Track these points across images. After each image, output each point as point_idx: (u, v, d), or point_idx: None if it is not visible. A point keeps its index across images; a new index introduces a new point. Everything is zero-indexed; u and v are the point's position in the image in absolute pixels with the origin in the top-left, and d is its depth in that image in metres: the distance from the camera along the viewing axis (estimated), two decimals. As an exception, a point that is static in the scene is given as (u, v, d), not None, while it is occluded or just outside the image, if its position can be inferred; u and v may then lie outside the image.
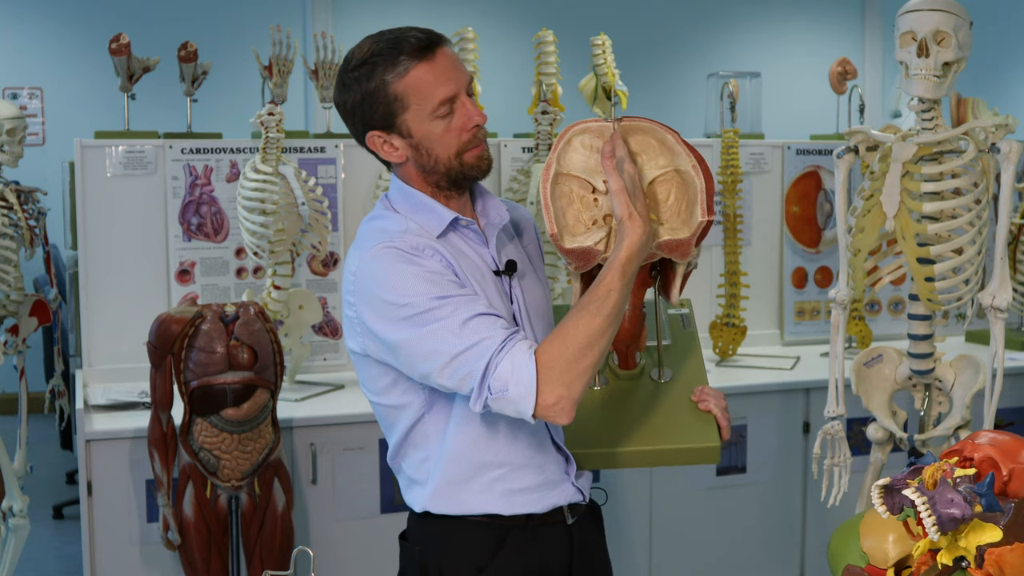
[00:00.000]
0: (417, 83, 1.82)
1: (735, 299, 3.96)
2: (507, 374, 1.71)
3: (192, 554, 2.97)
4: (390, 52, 1.82)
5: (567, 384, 1.72)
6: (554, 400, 1.71)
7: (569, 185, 1.88)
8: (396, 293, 1.78)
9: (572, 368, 1.72)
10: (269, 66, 3.67)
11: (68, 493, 5.40)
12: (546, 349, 1.73)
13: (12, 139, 3.45)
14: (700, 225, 1.88)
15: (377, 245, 1.82)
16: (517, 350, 1.73)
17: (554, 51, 3.80)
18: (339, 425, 3.28)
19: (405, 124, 1.85)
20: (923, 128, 2.58)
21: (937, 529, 1.43)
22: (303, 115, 7.11)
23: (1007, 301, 2.59)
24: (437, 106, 1.83)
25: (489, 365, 1.72)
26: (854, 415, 3.07)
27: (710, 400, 2.05)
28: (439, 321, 1.75)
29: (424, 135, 1.86)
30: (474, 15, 7.41)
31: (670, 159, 1.91)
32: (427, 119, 1.84)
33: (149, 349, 2.95)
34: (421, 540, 1.96)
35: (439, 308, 1.76)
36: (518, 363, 1.71)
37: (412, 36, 1.83)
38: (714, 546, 3.73)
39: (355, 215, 3.78)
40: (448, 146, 1.86)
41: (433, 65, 1.83)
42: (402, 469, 1.97)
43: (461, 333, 1.74)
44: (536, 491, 1.93)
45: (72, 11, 7.24)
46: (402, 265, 1.80)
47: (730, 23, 8.39)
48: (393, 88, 1.83)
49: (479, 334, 1.74)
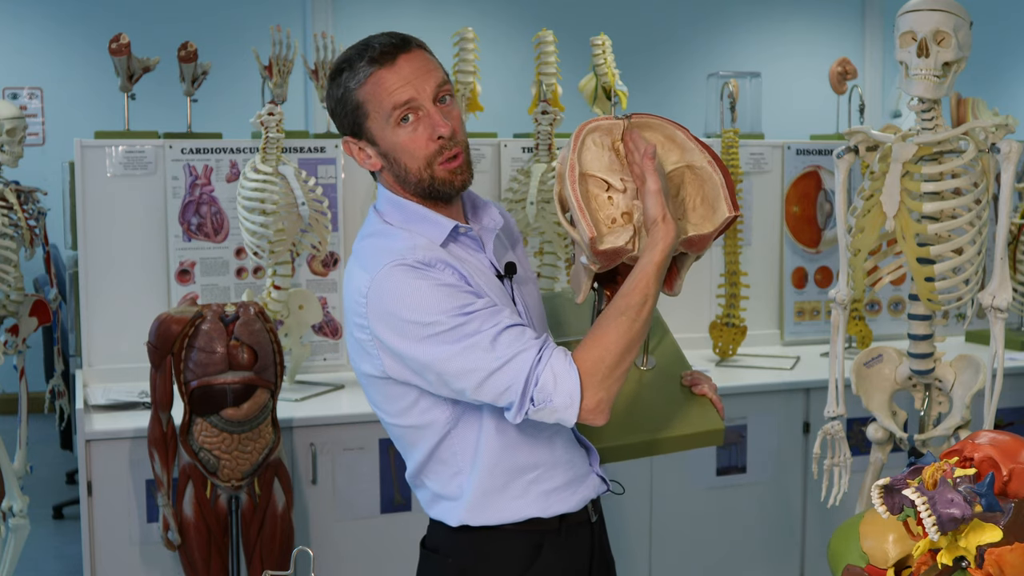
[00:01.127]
0: (373, 89, 1.80)
1: (735, 299, 3.96)
2: (550, 386, 1.71)
3: (192, 554, 2.97)
4: (354, 59, 1.81)
5: (607, 388, 1.73)
6: (595, 404, 1.73)
7: (586, 184, 1.87)
8: (419, 312, 1.74)
9: (612, 373, 1.73)
10: (269, 66, 3.67)
11: (68, 493, 5.40)
12: (586, 356, 1.73)
13: (12, 139, 3.45)
14: (726, 221, 1.87)
15: (387, 265, 1.78)
16: (556, 360, 1.72)
17: (554, 51, 3.80)
18: (339, 425, 3.28)
19: (370, 132, 1.83)
20: (923, 128, 2.58)
21: (937, 529, 1.43)
22: (303, 115, 7.11)
23: (1007, 301, 2.59)
24: (391, 111, 1.79)
25: (529, 379, 1.71)
26: (854, 415, 3.07)
27: (703, 383, 2.08)
28: (469, 338, 1.73)
29: (389, 144, 1.83)
30: (474, 15, 7.41)
31: (681, 155, 1.90)
32: (387, 126, 1.81)
33: (149, 349, 2.95)
34: (455, 552, 1.93)
35: (466, 324, 1.73)
36: (560, 373, 1.71)
37: (377, 42, 1.81)
38: (714, 546, 3.73)
39: (355, 215, 3.78)
40: (415, 156, 1.82)
41: (391, 70, 1.80)
42: (426, 485, 1.94)
43: (494, 348, 1.72)
44: (568, 487, 1.93)
45: (72, 11, 7.24)
46: (419, 282, 1.76)
47: (730, 23, 8.39)
48: (356, 95, 1.81)
49: (513, 347, 1.72)
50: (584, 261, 1.85)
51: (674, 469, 3.61)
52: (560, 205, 1.89)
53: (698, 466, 3.66)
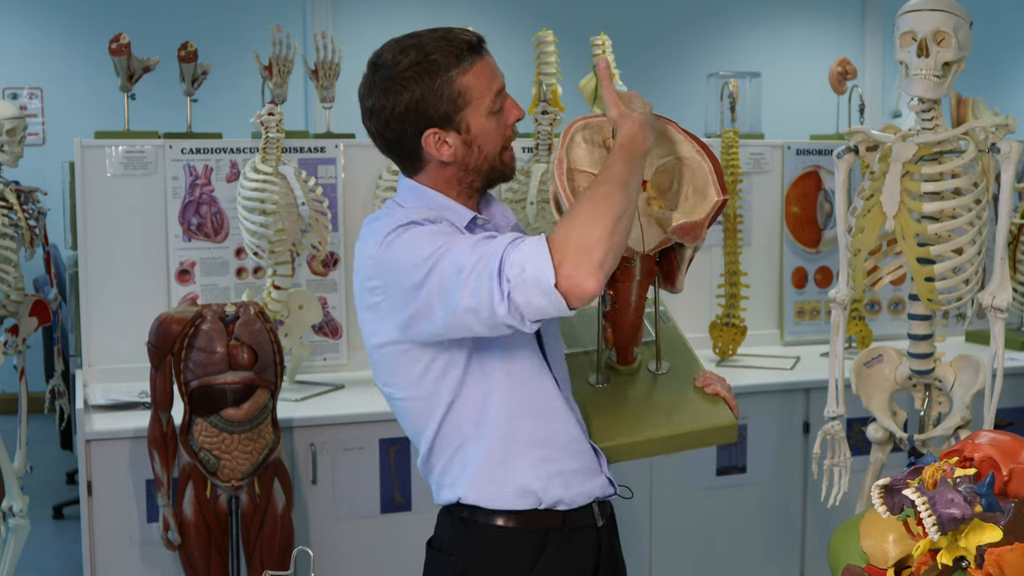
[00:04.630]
0: (477, 79, 1.86)
1: (735, 299, 3.96)
2: (521, 257, 1.69)
3: (192, 554, 2.97)
4: (450, 49, 1.85)
5: (588, 253, 1.67)
6: (574, 269, 1.67)
7: (577, 180, 1.89)
8: (420, 249, 1.78)
9: (588, 237, 1.68)
10: (269, 66, 3.67)
11: (68, 493, 5.40)
12: (556, 231, 1.72)
13: (12, 139, 3.45)
14: (715, 205, 1.88)
15: (396, 226, 1.83)
16: (527, 240, 1.73)
17: (554, 51, 3.80)
18: (339, 425, 3.28)
19: (465, 120, 1.87)
20: (923, 128, 2.58)
21: (937, 529, 1.43)
22: (303, 115, 7.11)
23: (1007, 301, 2.59)
24: (494, 98, 1.87)
25: (503, 257, 1.70)
26: (854, 415, 3.07)
27: (715, 383, 2.10)
28: (455, 247, 1.76)
29: (480, 130, 1.88)
30: (474, 15, 7.41)
31: (670, 148, 1.93)
32: (484, 114, 1.87)
33: (149, 349, 2.95)
34: (459, 550, 1.94)
35: (453, 241, 1.77)
36: (529, 246, 1.71)
37: (464, 34, 1.88)
38: (714, 546, 3.73)
39: (355, 215, 3.78)
40: (496, 143, 1.90)
41: (487, 62, 1.88)
42: (435, 469, 1.95)
43: (474, 249, 1.74)
44: (575, 476, 1.93)
45: (72, 11, 7.24)
46: (421, 230, 1.81)
47: (730, 23, 8.39)
48: (458, 83, 1.85)
49: (489, 244, 1.75)
50: None
51: (674, 469, 3.61)
52: (555, 205, 1.91)
53: (698, 466, 3.66)
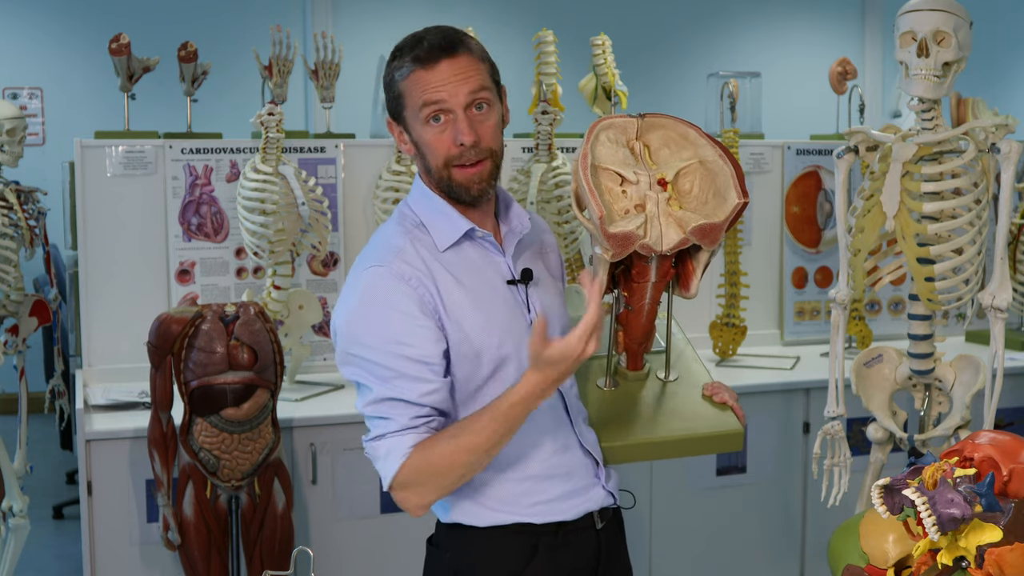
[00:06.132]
0: (411, 85, 1.86)
1: (735, 299, 3.96)
2: (382, 453, 1.83)
3: (192, 554, 2.97)
4: (405, 50, 1.88)
5: (420, 493, 1.83)
6: (402, 499, 1.85)
7: (599, 177, 1.90)
8: (364, 324, 1.85)
9: (430, 481, 1.82)
10: (269, 66, 3.67)
11: (68, 493, 5.40)
12: (421, 460, 1.81)
13: (12, 139, 3.45)
14: (735, 207, 1.90)
15: (370, 265, 1.87)
16: (403, 439, 1.82)
17: (554, 51, 3.80)
18: (339, 425, 3.28)
19: (405, 121, 1.90)
20: (923, 128, 2.58)
21: (937, 529, 1.43)
22: (303, 115, 7.11)
23: (1007, 301, 2.59)
24: (420, 108, 1.85)
25: (380, 439, 1.84)
26: (854, 415, 3.07)
27: (723, 392, 2.12)
28: (368, 382, 1.84)
29: (418, 136, 1.89)
30: (474, 15, 7.41)
31: (693, 151, 1.95)
32: (418, 121, 1.87)
33: (149, 349, 2.95)
34: (452, 547, 1.95)
35: (377, 367, 1.83)
36: (394, 449, 1.82)
37: (428, 40, 1.86)
38: (714, 546, 3.73)
39: (355, 215, 3.78)
40: (436, 155, 1.88)
41: (431, 71, 1.84)
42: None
43: (369, 404, 1.85)
44: (566, 500, 1.94)
45: (72, 11, 7.24)
46: (385, 295, 1.84)
47: (730, 23, 8.39)
48: (398, 85, 1.88)
49: (386, 413, 1.83)
50: (599, 251, 1.88)
51: (674, 469, 3.61)
52: (577, 203, 1.93)
53: (698, 466, 3.66)
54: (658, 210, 1.89)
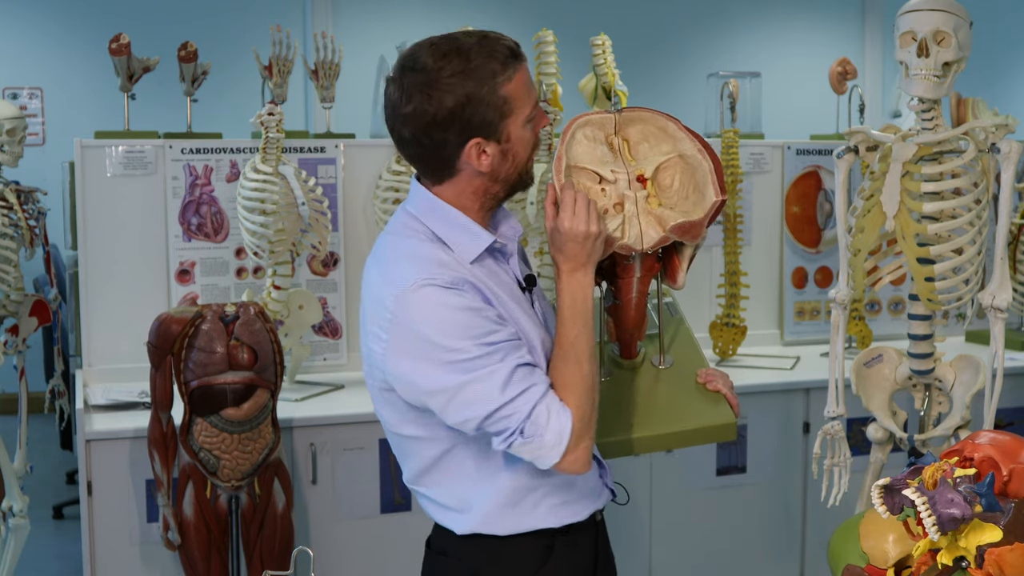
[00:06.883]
0: (519, 87, 1.78)
1: (735, 299, 3.96)
2: (543, 420, 1.74)
3: (192, 554, 2.97)
4: (493, 54, 1.76)
5: (591, 435, 1.79)
6: (580, 453, 1.77)
7: (578, 177, 1.89)
8: (446, 336, 1.73)
9: (592, 418, 1.79)
10: (269, 66, 3.67)
11: (68, 493, 5.40)
12: (577, 403, 1.77)
13: (12, 139, 3.45)
14: (713, 205, 1.89)
15: (416, 283, 1.75)
16: (552, 398, 1.76)
17: (554, 51, 3.80)
18: (339, 425, 3.28)
19: (506, 129, 1.79)
20: (923, 128, 2.58)
21: (937, 529, 1.43)
22: (303, 115, 7.11)
23: (1007, 301, 2.59)
24: (532, 108, 1.80)
25: (530, 416, 1.74)
26: (854, 415, 3.07)
27: (717, 380, 2.08)
28: (486, 368, 1.73)
29: (517, 139, 1.81)
30: (474, 15, 7.41)
31: (672, 145, 1.94)
32: (523, 123, 1.80)
33: (149, 349, 2.95)
34: (466, 555, 1.93)
35: (489, 355, 1.73)
36: (554, 411, 1.75)
37: (503, 39, 1.79)
38: (714, 546, 3.73)
39: (355, 215, 3.78)
40: (527, 152, 1.84)
41: (527, 69, 1.81)
42: (427, 494, 1.94)
43: (507, 385, 1.73)
44: (579, 502, 1.95)
45: (72, 11, 7.24)
46: (448, 306, 1.74)
47: (730, 23, 8.39)
48: (503, 91, 1.76)
49: (523, 383, 1.75)
50: None
51: (674, 469, 3.61)
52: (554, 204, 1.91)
53: (698, 466, 3.66)
54: (637, 209, 1.89)
